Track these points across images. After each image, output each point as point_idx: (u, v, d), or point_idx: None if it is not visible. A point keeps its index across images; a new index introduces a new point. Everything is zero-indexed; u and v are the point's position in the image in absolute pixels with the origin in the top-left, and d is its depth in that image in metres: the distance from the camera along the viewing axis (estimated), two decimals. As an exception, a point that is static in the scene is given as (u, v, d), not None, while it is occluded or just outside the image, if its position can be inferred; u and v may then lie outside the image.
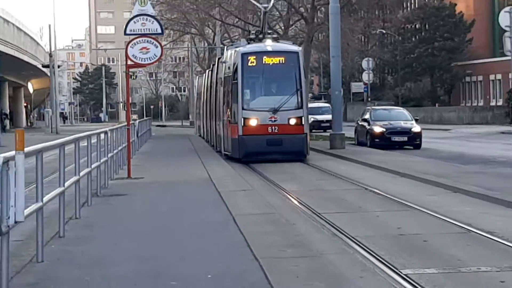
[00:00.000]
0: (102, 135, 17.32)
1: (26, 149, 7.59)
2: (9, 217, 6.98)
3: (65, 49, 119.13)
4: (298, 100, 21.66)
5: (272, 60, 21.99)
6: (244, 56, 21.89)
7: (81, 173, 12.71)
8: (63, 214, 10.76)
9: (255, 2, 34.81)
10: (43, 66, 66.25)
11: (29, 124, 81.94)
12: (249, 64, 21.72)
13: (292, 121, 21.32)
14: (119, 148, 20.84)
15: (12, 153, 7.23)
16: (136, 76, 79.87)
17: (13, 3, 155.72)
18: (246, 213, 13.09)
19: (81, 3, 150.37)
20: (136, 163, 22.01)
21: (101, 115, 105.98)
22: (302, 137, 21.65)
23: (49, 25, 70.29)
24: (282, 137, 21.24)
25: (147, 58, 18.72)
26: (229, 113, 22.81)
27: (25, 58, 62.89)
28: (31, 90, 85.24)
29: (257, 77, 21.99)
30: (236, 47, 23.93)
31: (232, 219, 12.35)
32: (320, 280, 7.77)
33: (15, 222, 7.15)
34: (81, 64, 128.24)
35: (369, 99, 49.93)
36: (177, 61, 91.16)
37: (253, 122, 21.15)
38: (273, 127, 21.08)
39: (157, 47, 18.95)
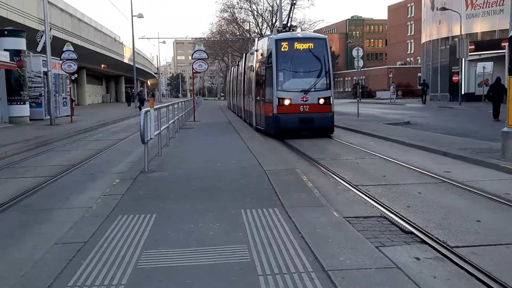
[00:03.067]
0: (182, 103, 19.19)
1: (154, 107, 8.94)
2: (148, 136, 8.12)
3: (163, 66, 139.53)
4: (327, 82, 15.03)
5: (302, 46, 15.27)
6: (278, 42, 15.22)
7: (175, 118, 14.21)
8: (168, 136, 12.29)
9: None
10: (155, 73, 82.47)
11: (147, 98, 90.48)
12: (282, 49, 15.10)
13: (321, 101, 14.79)
14: (189, 108, 22.85)
15: (148, 108, 8.44)
16: (195, 76, 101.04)
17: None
18: (246, 136, 13.98)
19: (170, 45, 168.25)
20: (196, 115, 23.31)
21: (179, 94, 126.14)
22: (330, 115, 14.94)
23: (157, 55, 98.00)
24: (313, 115, 14.72)
25: (201, 69, 21.27)
26: (263, 93, 15.94)
27: (147, 70, 75.13)
28: (149, 83, 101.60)
29: (290, 61, 15.23)
30: (269, 36, 17.04)
31: (241, 138, 13.32)
32: (278, 160, 8.96)
33: (150, 138, 8.36)
34: (170, 72, 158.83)
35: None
36: (212, 71, 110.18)
37: (286, 102, 14.67)
38: (305, 106, 14.70)
39: (205, 64, 21.38)
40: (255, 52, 18.05)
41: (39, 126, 20.37)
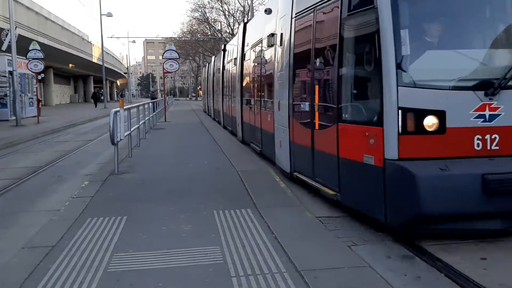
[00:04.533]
0: (152, 103, 19.21)
1: (124, 107, 8.85)
2: (118, 137, 8.01)
3: (133, 66, 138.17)
4: None
5: None
6: None
7: (145, 119, 13.91)
8: (139, 136, 11.94)
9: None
10: (124, 73, 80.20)
11: (117, 99, 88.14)
12: None
13: None
14: (161, 108, 22.96)
15: (118, 108, 8.24)
16: (166, 76, 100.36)
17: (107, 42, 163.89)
18: (218, 136, 13.85)
19: (140, 45, 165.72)
20: (167, 115, 22.88)
21: (149, 94, 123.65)
22: None
23: (127, 55, 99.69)
24: None
25: (172, 69, 21.26)
26: (328, 96, 5.18)
27: (116, 69, 73.80)
28: (118, 83, 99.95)
29: (432, 6, 3.86)
30: None
31: (214, 140, 13.16)
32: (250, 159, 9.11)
33: (120, 139, 8.24)
34: (140, 72, 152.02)
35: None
36: (183, 71, 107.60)
37: (430, 121, 3.38)
38: (490, 137, 3.31)
39: (176, 64, 21.30)
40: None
41: (4, 127, 19.84)
